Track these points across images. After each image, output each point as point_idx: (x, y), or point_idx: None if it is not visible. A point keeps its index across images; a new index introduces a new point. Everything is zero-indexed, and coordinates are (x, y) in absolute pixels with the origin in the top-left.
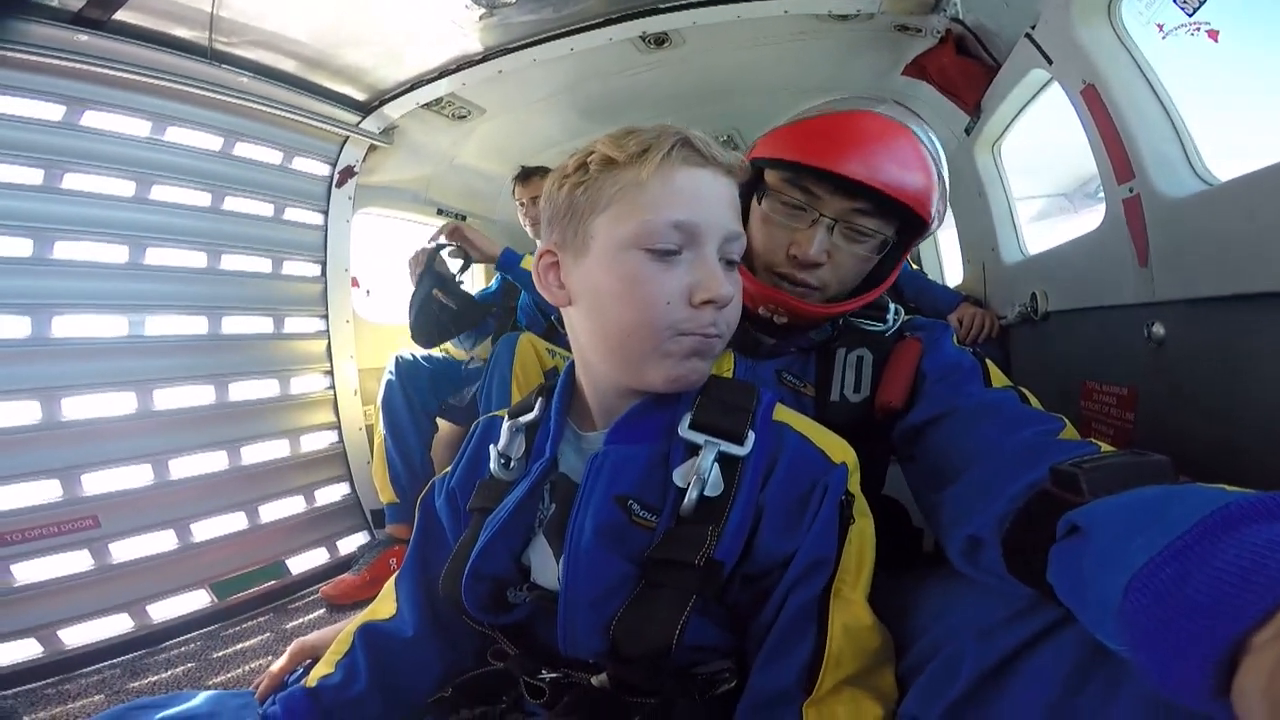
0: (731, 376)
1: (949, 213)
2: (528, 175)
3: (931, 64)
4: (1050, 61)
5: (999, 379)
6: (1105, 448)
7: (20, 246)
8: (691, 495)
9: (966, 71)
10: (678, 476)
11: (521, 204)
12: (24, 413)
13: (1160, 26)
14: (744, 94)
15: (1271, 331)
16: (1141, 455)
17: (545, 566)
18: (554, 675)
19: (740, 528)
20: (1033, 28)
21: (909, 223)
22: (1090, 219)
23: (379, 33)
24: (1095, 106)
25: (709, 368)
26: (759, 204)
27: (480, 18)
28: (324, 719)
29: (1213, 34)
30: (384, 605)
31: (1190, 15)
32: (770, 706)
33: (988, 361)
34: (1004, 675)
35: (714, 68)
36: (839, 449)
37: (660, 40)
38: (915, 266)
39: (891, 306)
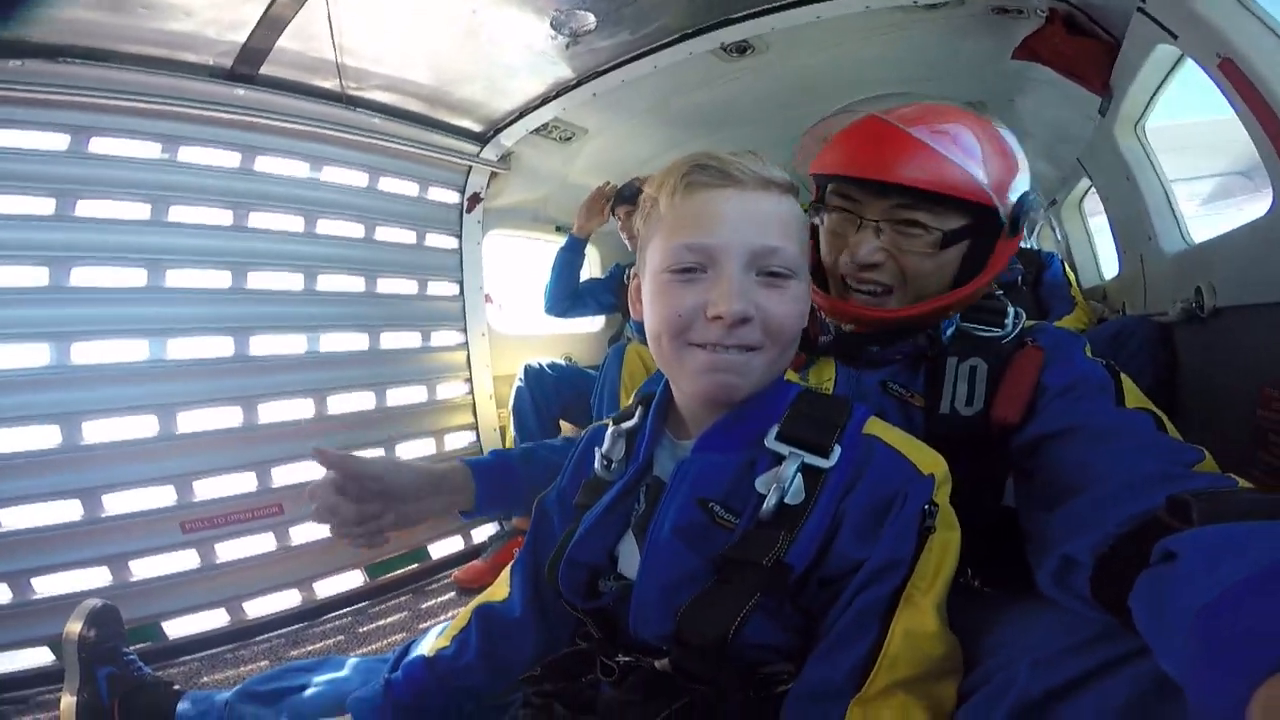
0: (833, 387)
1: (1096, 199)
2: (619, 200)
3: (1043, 46)
4: (1175, 36)
5: (1135, 398)
6: (1243, 484)
7: (221, 279)
8: (770, 502)
9: (1085, 51)
10: (760, 484)
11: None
12: (228, 418)
13: None
14: (840, 94)
15: None
16: (1271, 494)
17: (630, 559)
18: (627, 659)
19: (816, 533)
20: (1144, 1)
21: (976, 213)
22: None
23: (482, 67)
24: (1238, 80)
25: (744, 383)
26: (820, 219)
27: (567, 45)
28: (437, 684)
29: None
30: (500, 588)
31: None
32: (818, 699)
33: (1123, 377)
34: (1050, 707)
35: (805, 70)
36: (930, 461)
37: (742, 49)
38: (1071, 274)
39: (1011, 310)
